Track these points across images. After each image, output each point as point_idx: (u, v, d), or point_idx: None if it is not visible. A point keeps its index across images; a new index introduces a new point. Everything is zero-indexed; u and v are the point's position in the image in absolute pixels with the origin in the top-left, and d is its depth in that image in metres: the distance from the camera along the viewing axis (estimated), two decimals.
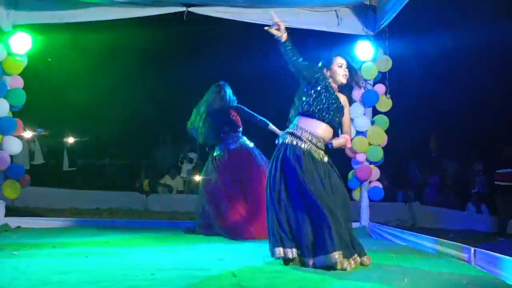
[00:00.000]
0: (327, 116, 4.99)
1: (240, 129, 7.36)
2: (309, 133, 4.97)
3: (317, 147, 4.99)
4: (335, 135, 5.15)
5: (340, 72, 5.12)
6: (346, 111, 5.19)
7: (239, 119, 7.35)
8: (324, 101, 4.99)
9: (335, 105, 5.02)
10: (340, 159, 6.88)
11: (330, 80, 5.11)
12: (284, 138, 5.03)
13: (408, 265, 5.00)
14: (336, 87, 5.13)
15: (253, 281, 4.02)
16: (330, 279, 4.22)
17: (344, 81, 5.13)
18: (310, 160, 4.90)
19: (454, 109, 13.15)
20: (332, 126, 5.06)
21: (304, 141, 4.95)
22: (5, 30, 7.23)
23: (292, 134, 5.00)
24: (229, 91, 7.38)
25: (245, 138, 7.37)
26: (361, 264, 4.80)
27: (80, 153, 15.27)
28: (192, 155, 13.46)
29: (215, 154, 7.30)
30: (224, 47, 13.09)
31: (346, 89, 5.25)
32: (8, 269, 4.23)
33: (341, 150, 5.84)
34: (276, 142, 5.13)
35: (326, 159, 5.05)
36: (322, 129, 5.00)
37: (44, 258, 4.82)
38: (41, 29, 7.62)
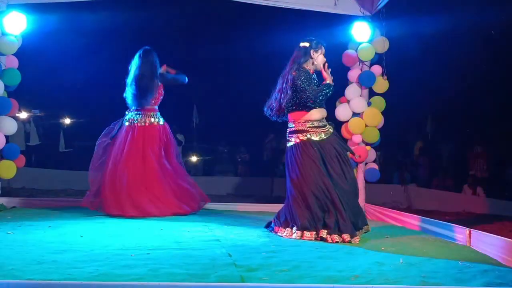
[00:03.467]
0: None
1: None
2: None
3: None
4: None
5: (323, 60, 5.64)
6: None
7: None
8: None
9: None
10: None
11: (309, 62, 5.61)
12: None
13: (403, 246, 5.02)
14: (313, 70, 5.66)
15: (248, 261, 4.03)
16: (324, 259, 4.23)
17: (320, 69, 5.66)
18: None
19: (452, 91, 13.15)
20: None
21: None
22: None
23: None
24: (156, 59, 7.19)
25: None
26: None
27: (77, 134, 15.25)
28: (180, 136, 13.39)
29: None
30: (220, 27, 13.03)
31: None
32: (3, 249, 4.22)
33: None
34: None
35: None
36: None
37: (39, 238, 4.81)
38: (37, 9, 7.55)
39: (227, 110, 15.02)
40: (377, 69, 7.77)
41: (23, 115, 12.80)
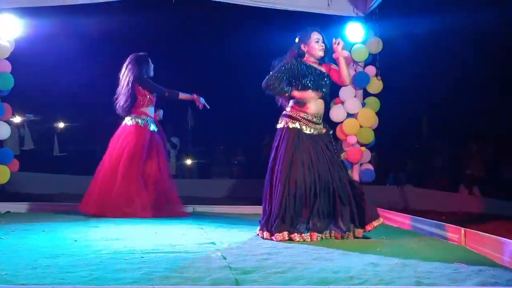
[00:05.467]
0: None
1: None
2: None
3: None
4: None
5: (317, 47, 5.48)
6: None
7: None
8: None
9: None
10: None
11: (306, 56, 5.48)
12: None
13: (399, 246, 5.00)
14: (315, 60, 5.51)
15: (243, 263, 4.01)
16: (319, 261, 4.21)
17: (322, 54, 5.51)
18: None
19: (446, 91, 13.16)
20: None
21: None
22: None
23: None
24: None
25: None
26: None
27: (71, 138, 15.21)
28: (175, 139, 13.36)
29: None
30: (214, 29, 13.01)
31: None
32: None
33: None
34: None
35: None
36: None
37: (33, 242, 4.78)
38: (29, 13, 7.53)
39: (223, 112, 15.00)
40: (371, 70, 7.78)
41: (17, 119, 12.78)
